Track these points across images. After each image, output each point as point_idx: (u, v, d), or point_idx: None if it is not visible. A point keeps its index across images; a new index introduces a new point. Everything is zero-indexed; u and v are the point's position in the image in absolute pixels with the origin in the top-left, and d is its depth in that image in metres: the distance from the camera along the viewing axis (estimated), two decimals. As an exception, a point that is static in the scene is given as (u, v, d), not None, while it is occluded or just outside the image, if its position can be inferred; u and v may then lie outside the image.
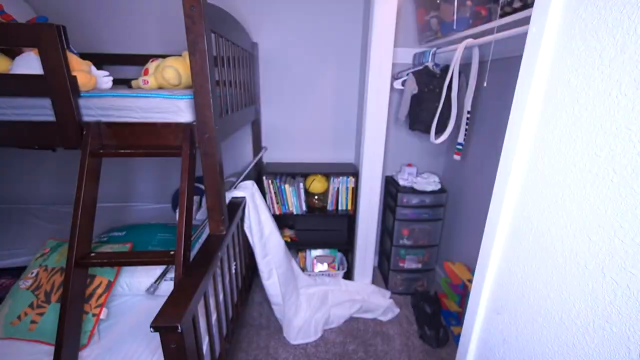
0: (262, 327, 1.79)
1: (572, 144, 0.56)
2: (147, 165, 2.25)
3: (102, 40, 1.92)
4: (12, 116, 1.09)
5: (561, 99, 0.58)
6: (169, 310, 0.86)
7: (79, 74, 1.06)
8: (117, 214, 2.10)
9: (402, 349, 1.67)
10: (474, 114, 1.77)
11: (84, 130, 1.09)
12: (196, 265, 1.04)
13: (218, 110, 1.14)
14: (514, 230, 0.73)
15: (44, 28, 0.95)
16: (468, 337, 0.90)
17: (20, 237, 1.82)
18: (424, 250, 2.05)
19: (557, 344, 0.60)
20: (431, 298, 1.88)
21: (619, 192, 0.47)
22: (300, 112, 2.14)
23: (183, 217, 1.06)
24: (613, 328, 0.49)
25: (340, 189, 2.03)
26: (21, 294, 1.19)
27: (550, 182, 0.61)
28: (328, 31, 1.98)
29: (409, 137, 2.14)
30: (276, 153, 2.23)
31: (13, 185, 2.24)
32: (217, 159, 1.14)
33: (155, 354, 1.08)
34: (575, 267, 0.56)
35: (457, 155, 1.68)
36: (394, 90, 1.93)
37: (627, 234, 0.46)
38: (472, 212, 1.85)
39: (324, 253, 2.15)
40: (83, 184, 1.05)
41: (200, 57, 0.99)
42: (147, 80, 1.25)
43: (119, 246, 1.39)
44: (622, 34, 0.47)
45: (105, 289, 1.23)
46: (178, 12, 1.01)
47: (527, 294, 0.68)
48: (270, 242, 1.68)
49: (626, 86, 0.46)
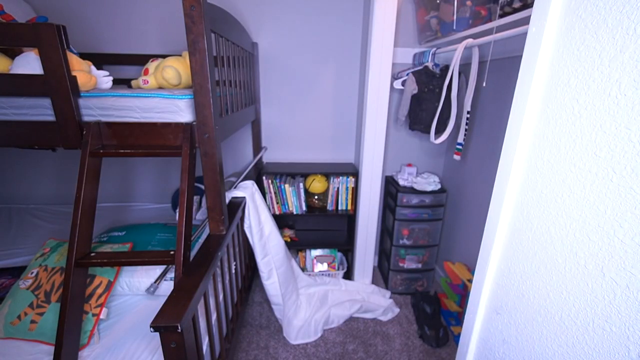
0: (262, 327, 1.79)
1: (571, 144, 0.56)
2: (147, 165, 2.25)
3: (102, 40, 1.92)
4: (12, 116, 1.09)
5: (561, 99, 0.58)
6: (169, 310, 0.86)
7: (79, 74, 1.06)
8: (117, 214, 2.10)
9: (402, 349, 1.67)
10: (474, 114, 1.77)
11: (84, 130, 1.09)
12: (196, 265, 1.04)
13: (218, 110, 1.14)
14: (514, 230, 0.73)
15: (44, 28, 0.95)
16: (468, 337, 0.90)
17: (20, 237, 1.83)
18: (424, 250, 2.05)
19: (556, 343, 0.60)
20: (431, 298, 1.88)
21: (619, 192, 0.47)
22: (300, 112, 2.14)
23: (183, 217, 1.06)
24: (613, 328, 0.49)
25: (340, 189, 2.03)
26: (21, 293, 1.19)
27: (550, 182, 0.61)
28: (328, 31, 1.98)
29: (409, 137, 2.15)
30: (276, 153, 2.23)
31: (13, 185, 2.25)
32: (217, 159, 1.14)
33: (155, 353, 1.08)
34: (574, 267, 0.56)
35: (457, 155, 1.68)
36: (394, 90, 1.93)
37: (627, 234, 0.46)
38: (472, 212, 1.85)
39: (323, 253, 2.15)
40: (83, 184, 1.05)
41: (200, 57, 0.99)
42: (147, 80, 1.25)
43: (118, 246, 1.39)
44: (622, 34, 0.47)
45: (105, 288, 1.23)
46: (178, 12, 1.01)
47: (527, 294, 0.68)
48: (270, 242, 1.68)
49: (626, 86, 0.46)
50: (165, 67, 1.23)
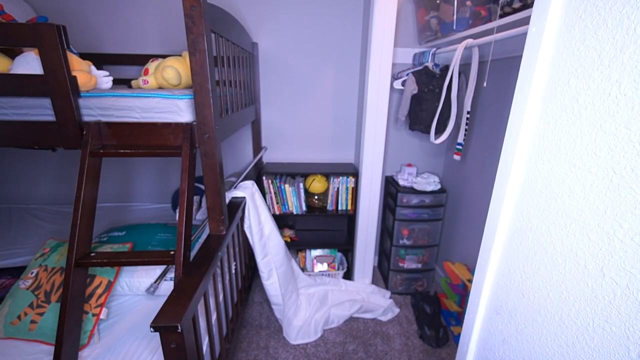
0: (262, 327, 1.79)
1: (571, 144, 0.56)
2: (147, 165, 2.25)
3: (102, 40, 1.92)
4: (12, 116, 1.09)
5: (561, 99, 0.59)
6: (169, 310, 0.86)
7: (79, 74, 1.06)
8: (117, 214, 2.10)
9: (402, 349, 1.67)
10: (474, 114, 1.77)
11: (84, 130, 1.09)
12: (196, 265, 1.04)
13: (218, 110, 1.14)
14: (513, 230, 0.73)
15: (44, 28, 0.95)
16: (468, 337, 0.90)
17: (20, 237, 1.83)
18: (423, 250, 2.05)
19: (556, 343, 0.60)
20: (431, 298, 1.88)
21: (619, 192, 0.47)
22: (300, 112, 2.14)
23: (183, 217, 1.06)
24: (612, 328, 0.49)
25: (340, 189, 2.03)
26: (21, 293, 1.19)
27: (550, 182, 0.61)
28: (328, 31, 1.98)
29: (409, 137, 2.14)
30: (276, 153, 2.23)
31: (13, 185, 2.25)
32: (217, 159, 1.14)
33: (155, 353, 1.08)
34: (574, 267, 0.56)
35: (457, 155, 1.68)
36: (394, 90, 1.93)
37: (627, 234, 0.46)
38: (472, 212, 1.85)
39: (323, 253, 2.15)
40: (83, 184, 1.05)
41: (200, 57, 0.99)
42: (147, 80, 1.25)
43: (118, 246, 1.39)
44: (622, 34, 0.47)
45: (105, 288, 1.23)
46: (178, 12, 1.01)
47: (527, 294, 0.68)
48: (270, 242, 1.68)
49: (626, 86, 0.46)
50: (165, 67, 1.23)
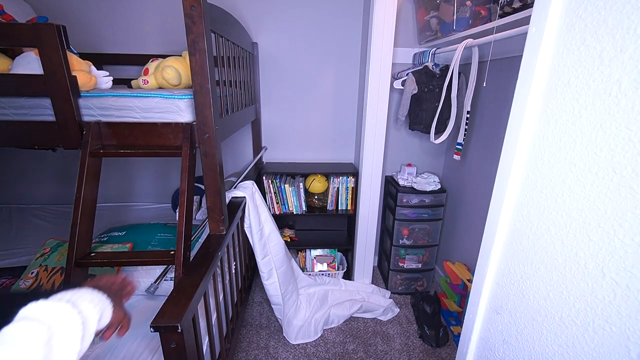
0: (262, 327, 1.79)
1: (571, 143, 0.56)
2: (147, 165, 2.25)
3: (102, 40, 1.92)
4: (12, 116, 1.09)
5: (561, 99, 0.58)
6: (169, 310, 0.86)
7: (79, 74, 1.06)
8: (117, 214, 2.10)
9: (402, 349, 1.67)
10: (474, 114, 1.77)
11: (84, 130, 1.09)
12: (196, 265, 1.04)
13: (218, 110, 1.14)
14: (513, 230, 0.73)
15: (44, 28, 0.95)
16: (468, 337, 0.90)
17: (20, 237, 1.83)
18: (423, 250, 2.05)
19: (556, 343, 0.60)
20: (431, 298, 1.88)
21: (619, 192, 0.47)
22: (300, 112, 2.14)
23: (183, 217, 1.06)
24: (613, 328, 0.49)
25: (340, 189, 2.03)
26: (21, 293, 1.19)
27: (550, 182, 0.61)
28: (328, 31, 1.98)
29: (409, 137, 2.14)
30: (276, 153, 2.23)
31: (13, 185, 2.25)
32: (217, 159, 1.14)
33: (155, 353, 1.08)
34: (574, 267, 0.56)
35: (457, 155, 1.68)
36: (394, 90, 1.93)
37: (627, 234, 0.46)
38: (472, 212, 1.85)
39: (323, 253, 2.15)
40: (83, 184, 1.05)
41: (200, 57, 0.99)
42: (147, 80, 1.25)
43: (118, 246, 1.39)
44: (622, 33, 0.47)
45: (105, 288, 1.23)
46: (178, 12, 1.01)
47: (527, 294, 0.68)
48: (270, 242, 1.68)
49: (626, 86, 0.46)
50: (165, 67, 1.23)
